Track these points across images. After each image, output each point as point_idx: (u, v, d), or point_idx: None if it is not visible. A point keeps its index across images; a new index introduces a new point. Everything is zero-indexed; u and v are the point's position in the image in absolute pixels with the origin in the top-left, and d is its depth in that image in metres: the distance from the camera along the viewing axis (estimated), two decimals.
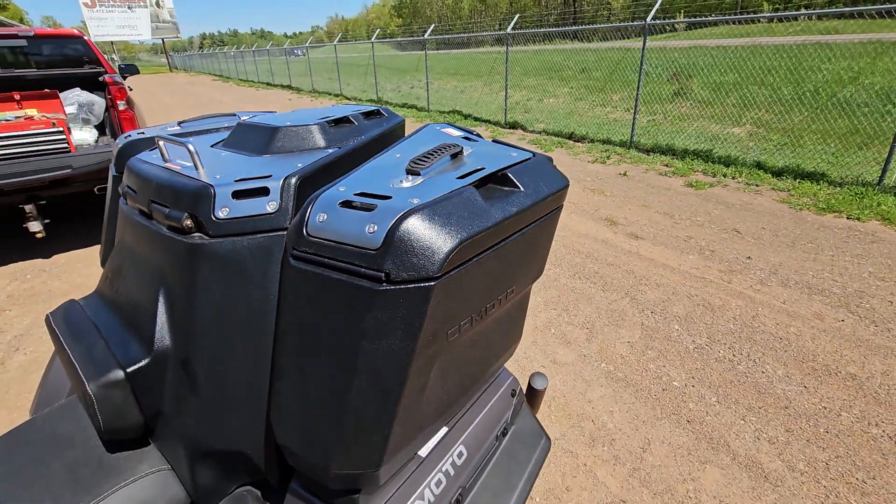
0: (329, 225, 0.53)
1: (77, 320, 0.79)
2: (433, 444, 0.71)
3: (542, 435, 0.82)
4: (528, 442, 0.79)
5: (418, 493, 0.64)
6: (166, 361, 0.68)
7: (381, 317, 0.49)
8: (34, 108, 3.61)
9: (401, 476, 0.66)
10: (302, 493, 0.67)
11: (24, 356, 2.62)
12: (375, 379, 0.51)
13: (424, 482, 0.65)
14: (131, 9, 37.95)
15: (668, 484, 1.72)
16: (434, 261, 0.48)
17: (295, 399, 0.57)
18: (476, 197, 0.56)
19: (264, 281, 0.65)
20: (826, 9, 5.18)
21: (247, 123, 0.86)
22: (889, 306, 2.75)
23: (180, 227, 0.64)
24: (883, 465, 1.77)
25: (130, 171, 0.80)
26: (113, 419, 0.68)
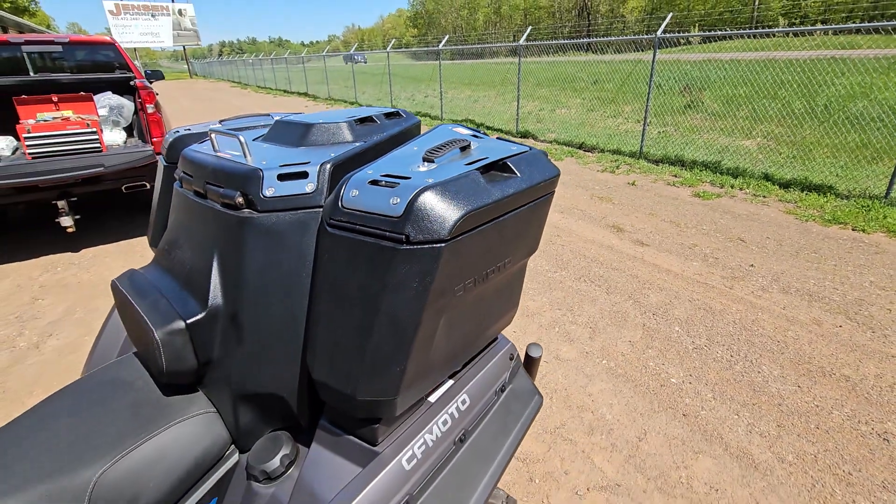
0: (360, 199, 0.66)
1: (141, 283, 0.94)
2: (440, 393, 0.84)
3: (536, 393, 0.94)
4: (523, 398, 0.91)
5: (427, 428, 0.77)
6: (218, 316, 0.82)
7: (400, 271, 0.62)
8: (70, 110, 3.84)
9: (413, 415, 0.79)
10: (329, 427, 0.80)
11: (58, 341, 2.80)
12: (394, 322, 0.64)
13: (433, 420, 0.78)
14: (154, 17, 39.09)
15: (662, 470, 1.81)
16: (445, 226, 0.61)
17: (328, 341, 0.70)
18: (480, 179, 0.69)
19: (301, 248, 0.79)
20: (843, 24, 5.24)
21: (284, 120, 1.01)
22: (887, 314, 2.82)
23: (233, 203, 0.78)
24: (869, 459, 1.84)
25: (186, 159, 0.95)
26: (173, 362, 0.81)
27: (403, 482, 0.72)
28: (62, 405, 0.82)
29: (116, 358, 1.21)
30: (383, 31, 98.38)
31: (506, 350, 0.94)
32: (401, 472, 0.72)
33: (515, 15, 56.39)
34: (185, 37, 41.70)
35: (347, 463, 0.76)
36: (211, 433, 0.86)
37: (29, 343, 2.78)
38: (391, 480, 0.71)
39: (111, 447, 0.75)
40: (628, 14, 45.70)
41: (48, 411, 0.81)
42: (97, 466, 0.72)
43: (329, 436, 0.79)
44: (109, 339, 1.30)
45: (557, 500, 1.71)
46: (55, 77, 4.34)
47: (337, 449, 0.78)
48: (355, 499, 0.68)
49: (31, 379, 2.46)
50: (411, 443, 0.74)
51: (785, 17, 35.68)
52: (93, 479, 0.71)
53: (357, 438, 0.76)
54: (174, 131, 1.25)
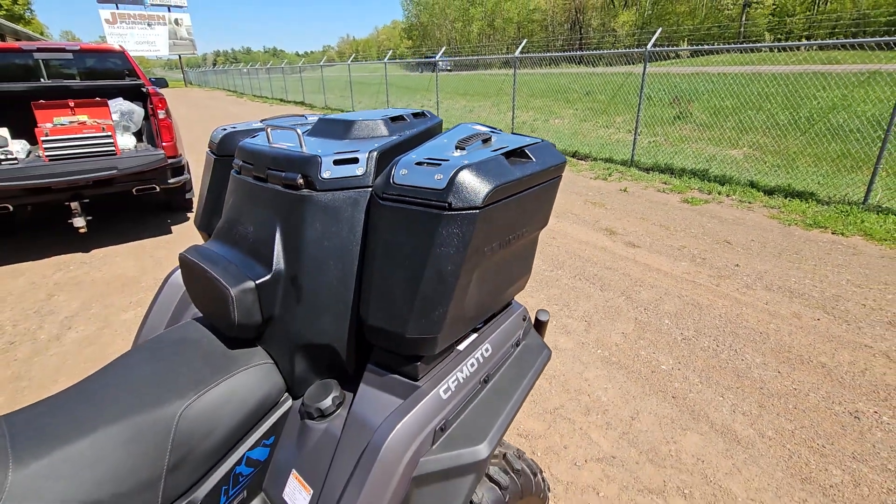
0: (409, 177, 0.83)
1: (209, 254, 1.09)
2: (467, 343, 1.00)
3: (545, 347, 1.10)
4: (535, 351, 1.07)
5: (458, 368, 0.92)
6: (280, 278, 0.97)
7: (444, 232, 0.79)
8: (85, 115, 3.98)
9: (446, 358, 0.95)
10: (376, 369, 0.95)
11: (77, 333, 2.91)
12: (439, 273, 0.80)
13: (462, 362, 0.93)
14: (151, 26, 39.31)
15: (653, 445, 1.97)
16: (479, 196, 0.78)
17: (383, 292, 0.86)
18: (504, 161, 0.86)
19: (352, 221, 0.95)
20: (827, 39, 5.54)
21: (328, 118, 1.17)
22: (862, 308, 3.01)
23: (294, 185, 0.94)
24: (842, 434, 2.01)
25: (245, 150, 1.11)
26: (244, 316, 0.96)
27: (440, 409, 0.87)
28: (142, 357, 0.97)
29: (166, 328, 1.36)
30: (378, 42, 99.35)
31: (519, 312, 1.10)
32: (438, 401, 0.87)
33: (509, 28, 57.32)
34: (181, 46, 41.92)
35: (392, 397, 0.92)
36: (270, 380, 1.01)
37: (49, 335, 2.89)
38: (431, 407, 0.86)
39: (192, 387, 0.90)
40: (619, 28, 46.66)
41: (131, 362, 0.96)
42: (181, 402, 0.86)
43: (375, 376, 0.95)
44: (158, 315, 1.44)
45: (558, 470, 1.86)
46: (68, 83, 4.48)
47: (383, 386, 0.93)
48: (401, 421, 0.84)
49: (53, 368, 2.58)
50: (446, 378, 0.90)
51: (771, 33, 36.66)
52: (178, 412, 0.85)
53: (400, 376, 0.92)
54: (221, 129, 1.41)
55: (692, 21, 42.15)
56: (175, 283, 1.41)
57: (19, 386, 2.42)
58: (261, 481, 0.99)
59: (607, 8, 50.34)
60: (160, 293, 1.43)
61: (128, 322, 3.03)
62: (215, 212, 1.41)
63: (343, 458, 0.88)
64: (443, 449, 0.86)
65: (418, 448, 0.84)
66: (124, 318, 3.07)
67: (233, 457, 0.93)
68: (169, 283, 1.41)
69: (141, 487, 0.77)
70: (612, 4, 50.09)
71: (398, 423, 0.82)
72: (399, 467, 0.82)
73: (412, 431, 0.83)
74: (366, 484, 0.80)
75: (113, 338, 2.85)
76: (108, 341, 2.81)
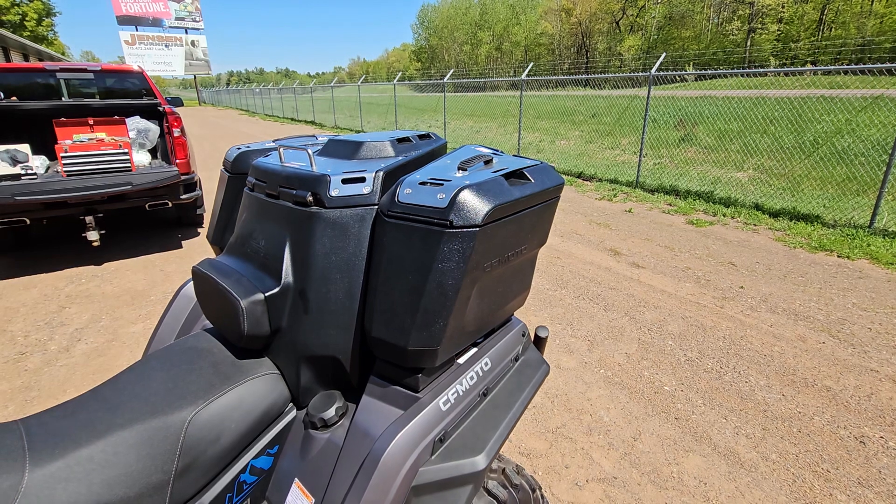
0: (413, 195, 0.87)
1: (220, 266, 1.13)
2: (467, 356, 1.03)
3: (543, 363, 1.13)
4: (534, 366, 1.10)
5: (457, 381, 0.95)
6: (289, 291, 1.02)
7: (445, 249, 0.83)
8: (104, 132, 4.11)
9: (446, 371, 0.98)
10: (378, 380, 0.98)
11: (86, 345, 2.96)
12: (440, 287, 0.84)
13: (462, 376, 0.96)
14: (168, 47, 40.52)
15: (655, 466, 1.96)
16: (479, 215, 0.82)
17: (386, 305, 0.89)
18: (504, 182, 0.90)
19: (358, 237, 0.99)
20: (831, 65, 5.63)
21: (337, 139, 1.23)
22: (868, 332, 3.00)
23: (304, 202, 0.99)
24: (847, 459, 1.99)
25: (259, 168, 1.16)
26: (253, 327, 1.00)
27: (439, 420, 0.90)
28: (154, 365, 1.01)
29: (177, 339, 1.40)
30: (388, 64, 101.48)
31: (519, 327, 1.13)
32: (438, 413, 0.90)
33: (516, 51, 58.40)
34: (196, 66, 43.08)
35: (393, 408, 0.94)
36: (276, 390, 1.05)
37: (59, 347, 2.94)
38: (430, 418, 0.89)
39: (202, 394, 0.93)
40: (625, 52, 47.38)
41: (144, 370, 1.00)
42: (191, 408, 0.90)
43: (378, 387, 0.98)
44: (169, 325, 1.48)
45: (559, 490, 1.85)
46: (88, 102, 4.64)
47: (384, 397, 0.96)
48: (402, 430, 0.86)
49: (62, 379, 2.62)
50: (446, 391, 0.93)
51: (776, 58, 37.06)
52: (188, 418, 0.89)
53: (402, 388, 0.95)
54: (236, 148, 1.47)
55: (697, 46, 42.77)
56: (186, 295, 1.46)
57: (29, 396, 2.46)
58: (264, 489, 1.01)
59: (613, 33, 51.26)
60: (172, 304, 1.48)
61: (136, 335, 3.07)
62: (228, 227, 1.47)
63: (344, 467, 0.90)
64: (442, 459, 0.88)
65: (417, 458, 0.86)
66: (132, 331, 3.12)
67: (238, 465, 0.96)
68: (181, 295, 1.46)
69: (150, 490, 0.80)
70: (618, 29, 51.01)
71: (398, 433, 0.85)
72: (398, 476, 0.84)
73: (412, 441, 0.85)
74: (366, 492, 0.83)
75: (121, 350, 2.90)
76: (116, 353, 2.86)
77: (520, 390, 1.03)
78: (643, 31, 49.43)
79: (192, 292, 1.47)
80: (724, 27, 43.51)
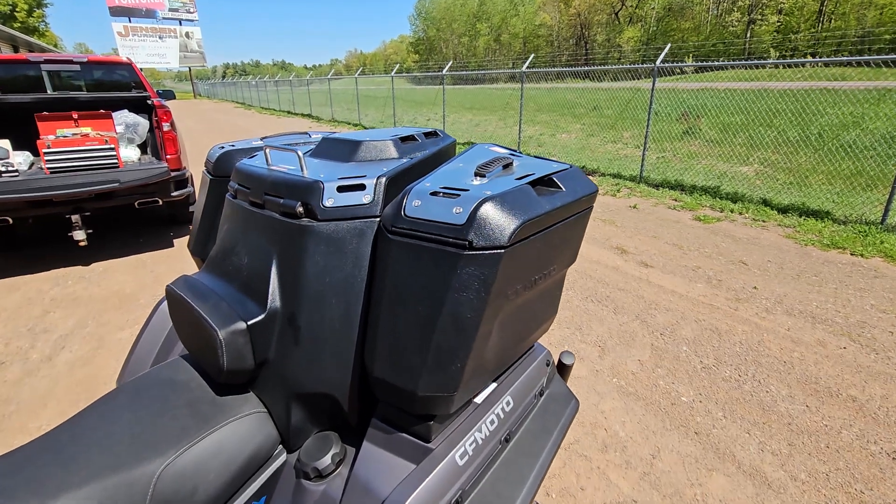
0: (422, 208, 0.72)
1: (198, 287, 0.98)
2: (486, 395, 0.88)
3: (572, 398, 0.98)
4: (561, 402, 0.95)
5: (476, 427, 0.81)
6: (276, 317, 0.86)
7: (463, 274, 0.68)
8: (89, 127, 3.93)
9: (462, 414, 0.83)
10: (382, 425, 0.84)
11: (70, 354, 2.81)
12: (456, 321, 0.69)
13: (481, 419, 0.82)
14: (162, 38, 39.94)
15: (677, 488, 1.83)
16: (505, 234, 0.67)
17: (390, 340, 0.74)
18: (531, 192, 0.75)
19: (357, 255, 0.84)
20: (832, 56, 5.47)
21: (332, 138, 1.07)
22: (890, 336, 2.87)
23: (293, 213, 0.83)
24: (881, 478, 1.87)
25: (242, 172, 1.01)
26: (234, 361, 0.85)
27: (457, 477, 0.75)
28: (121, 402, 0.86)
29: (153, 364, 1.25)
30: (385, 56, 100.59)
31: (543, 356, 0.99)
32: (454, 468, 0.75)
33: (515, 43, 57.88)
34: (191, 58, 42.53)
35: (401, 460, 0.80)
36: (262, 432, 0.89)
37: (41, 356, 2.79)
38: (446, 476, 0.74)
39: (175, 441, 0.78)
40: (624, 44, 47.01)
41: (108, 408, 0.84)
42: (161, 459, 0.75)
43: (381, 434, 0.83)
44: (146, 346, 1.33)
45: None
46: (74, 95, 4.45)
47: (390, 446, 0.81)
48: (413, 492, 0.71)
49: (43, 391, 2.47)
50: (463, 440, 0.78)
51: (776, 50, 36.81)
52: (157, 472, 0.74)
53: (410, 436, 0.80)
54: (219, 147, 1.31)
55: (697, 37, 42.44)
56: (165, 312, 1.31)
57: (7, 411, 2.31)
58: None
59: (612, 24, 50.83)
60: (149, 322, 1.32)
61: (123, 342, 2.92)
62: (210, 236, 1.31)
63: None
64: None
65: None
66: (120, 338, 2.97)
67: None
68: (158, 312, 1.31)
69: None
70: (617, 21, 50.58)
71: (410, 495, 0.71)
72: None
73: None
74: None
75: (107, 359, 2.75)
76: (102, 363, 2.71)
77: (547, 433, 0.88)
78: (642, 22, 49.02)
79: None
80: (723, 18, 43.16)
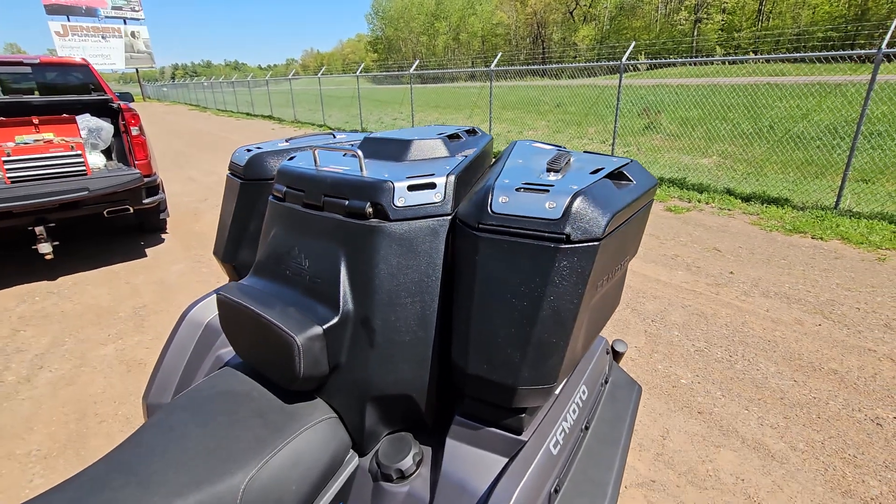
0: (511, 204, 0.73)
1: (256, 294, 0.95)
2: (562, 386, 0.90)
3: (635, 383, 1.02)
4: (625, 388, 0.99)
5: (562, 416, 0.82)
6: (349, 320, 0.85)
7: (562, 268, 0.69)
8: (51, 132, 3.69)
9: (546, 406, 0.85)
10: (466, 421, 0.84)
11: (50, 373, 2.64)
12: (556, 314, 0.71)
13: (565, 409, 0.84)
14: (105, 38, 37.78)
15: (690, 465, 1.92)
16: (600, 226, 0.69)
17: (485, 336, 0.75)
18: (612, 185, 0.78)
19: (430, 253, 0.84)
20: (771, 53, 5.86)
21: (377, 138, 1.06)
22: (857, 312, 3.09)
23: (362, 213, 0.83)
24: (869, 442, 2.02)
25: (290, 174, 0.98)
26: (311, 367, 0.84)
27: (552, 467, 0.77)
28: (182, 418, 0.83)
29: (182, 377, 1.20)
30: (343, 56, 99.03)
31: (602, 345, 1.02)
32: (550, 458, 0.77)
33: (474, 41, 58.29)
34: (138, 59, 40.45)
35: (491, 454, 0.81)
36: (336, 437, 0.88)
37: (18, 377, 2.61)
38: (544, 466, 0.76)
39: (253, 454, 0.76)
40: (580, 42, 48.20)
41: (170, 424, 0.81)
42: (244, 473, 0.73)
43: (467, 430, 0.83)
44: (174, 359, 1.28)
45: None
46: (29, 99, 4.17)
47: (478, 442, 0.82)
48: (519, 486, 0.72)
49: (27, 414, 2.31)
50: (553, 429, 0.80)
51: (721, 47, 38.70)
52: (241, 486, 0.72)
53: (499, 429, 0.81)
54: (245, 149, 1.27)
55: (648, 36, 44.04)
56: (194, 322, 1.26)
57: None
58: None
59: (567, 23, 52.02)
60: (175, 334, 1.27)
61: (108, 358, 2.77)
62: (243, 242, 1.27)
63: None
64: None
65: None
66: (103, 354, 2.81)
67: None
68: (186, 322, 1.26)
69: None
70: (572, 19, 51.80)
71: (515, 488, 0.71)
72: None
73: (530, 498, 0.72)
74: None
75: (92, 376, 2.60)
76: (88, 380, 2.56)
77: (620, 419, 0.91)
78: (596, 21, 50.42)
79: (198, 319, 1.27)
80: (672, 17, 44.99)
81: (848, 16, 35.09)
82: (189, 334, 1.26)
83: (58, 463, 2.01)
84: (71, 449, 2.09)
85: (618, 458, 0.84)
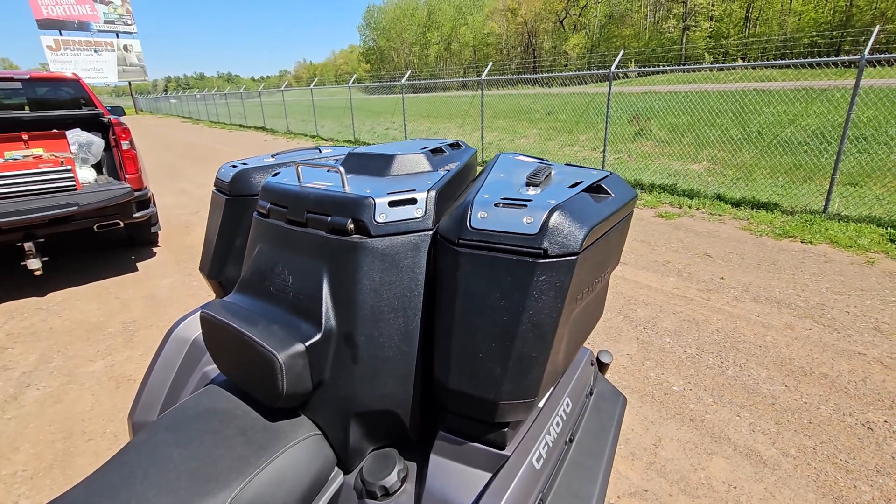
0: (490, 220, 0.74)
1: (239, 311, 0.95)
2: (546, 398, 0.90)
3: (619, 394, 1.02)
4: (610, 399, 0.99)
5: (545, 430, 0.83)
6: (332, 337, 0.85)
7: (540, 282, 0.70)
8: (41, 148, 3.68)
9: (529, 420, 0.85)
10: (449, 436, 0.84)
11: (38, 391, 2.61)
12: (536, 327, 0.71)
13: (548, 422, 0.84)
14: (98, 52, 37.83)
15: (682, 473, 1.92)
16: (577, 240, 0.70)
17: (466, 351, 0.75)
18: (589, 199, 0.78)
19: (412, 268, 0.84)
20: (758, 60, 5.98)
21: (361, 153, 1.07)
22: (847, 316, 3.12)
23: (344, 230, 0.83)
24: (860, 447, 2.03)
25: (273, 190, 0.99)
26: (293, 384, 0.83)
27: (536, 481, 0.77)
28: (165, 438, 0.82)
29: (168, 395, 1.19)
30: (335, 66, 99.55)
31: (587, 356, 1.02)
32: (533, 472, 0.77)
33: (465, 51, 58.80)
34: (130, 72, 40.49)
35: (474, 470, 0.80)
36: (320, 454, 0.88)
37: (5, 395, 2.57)
38: (527, 481, 0.76)
39: (236, 473, 0.75)
40: (570, 51, 48.74)
41: (153, 444, 0.80)
42: (228, 492, 0.72)
43: (450, 445, 0.83)
44: (160, 377, 1.27)
45: None
46: (19, 115, 4.16)
47: (461, 457, 0.82)
48: (502, 500, 0.72)
49: (13, 434, 2.28)
50: (536, 443, 0.80)
51: (710, 54, 39.24)
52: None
53: (482, 444, 0.81)
54: (230, 165, 1.27)
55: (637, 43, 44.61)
56: (180, 338, 1.25)
57: None
58: None
59: (558, 32, 52.62)
60: (161, 352, 1.26)
61: (97, 374, 2.74)
62: (228, 258, 1.27)
63: None
64: None
65: None
66: (92, 370, 2.78)
67: None
68: (172, 339, 1.25)
69: None
70: (562, 28, 52.41)
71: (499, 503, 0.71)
72: None
73: None
74: None
75: (81, 393, 2.57)
76: (76, 398, 2.53)
77: (605, 431, 0.91)
78: (586, 29, 51.06)
79: (185, 335, 1.26)
80: (660, 25, 45.64)
81: (833, 22, 35.75)
82: (175, 351, 1.25)
83: (44, 483, 1.98)
84: (57, 468, 2.05)
85: (602, 470, 0.84)
